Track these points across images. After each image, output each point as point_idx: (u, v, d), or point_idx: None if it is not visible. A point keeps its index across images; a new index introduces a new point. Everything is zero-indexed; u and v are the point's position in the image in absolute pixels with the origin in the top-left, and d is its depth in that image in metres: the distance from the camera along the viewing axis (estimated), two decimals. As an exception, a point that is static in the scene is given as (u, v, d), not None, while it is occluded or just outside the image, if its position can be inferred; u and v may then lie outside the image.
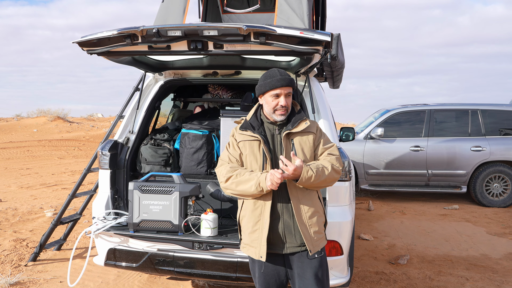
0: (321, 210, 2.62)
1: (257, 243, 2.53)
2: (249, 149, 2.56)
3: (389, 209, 7.93)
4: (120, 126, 4.09)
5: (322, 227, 2.61)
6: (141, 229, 3.45)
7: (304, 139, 2.58)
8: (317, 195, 2.62)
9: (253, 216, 2.55)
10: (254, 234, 2.55)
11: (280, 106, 2.51)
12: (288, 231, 2.54)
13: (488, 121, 8.38)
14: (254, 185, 2.43)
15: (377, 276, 4.60)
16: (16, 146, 18.24)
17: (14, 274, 4.45)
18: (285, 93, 2.51)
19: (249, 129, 2.58)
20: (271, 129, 2.61)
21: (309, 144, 2.58)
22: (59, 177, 11.03)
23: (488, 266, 4.96)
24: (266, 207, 2.50)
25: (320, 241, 2.58)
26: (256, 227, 2.54)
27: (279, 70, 2.57)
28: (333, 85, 6.63)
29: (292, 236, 2.54)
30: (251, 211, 2.55)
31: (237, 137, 2.63)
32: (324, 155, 2.59)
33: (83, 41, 3.16)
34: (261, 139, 2.52)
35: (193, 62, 3.93)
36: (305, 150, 2.56)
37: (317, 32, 2.83)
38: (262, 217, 2.52)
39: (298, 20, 4.05)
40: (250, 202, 2.56)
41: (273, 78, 2.52)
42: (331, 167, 2.50)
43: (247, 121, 2.64)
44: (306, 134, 2.59)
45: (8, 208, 7.30)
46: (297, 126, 2.56)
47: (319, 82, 4.18)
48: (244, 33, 2.84)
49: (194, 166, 3.98)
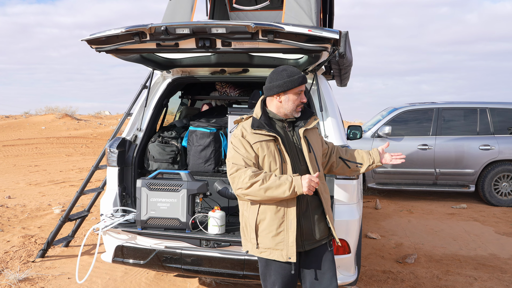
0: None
1: (283, 245, 2.45)
2: (267, 150, 2.47)
3: (397, 208, 7.90)
4: (128, 123, 4.11)
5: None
6: (148, 226, 3.46)
7: (315, 134, 2.67)
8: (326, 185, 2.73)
9: (276, 218, 2.46)
10: (278, 237, 2.46)
11: (301, 103, 2.55)
12: (307, 228, 2.52)
13: (496, 120, 8.32)
14: (287, 189, 2.33)
15: (384, 275, 4.58)
16: (25, 143, 18.37)
17: (23, 270, 4.49)
18: (303, 90, 2.57)
19: (263, 127, 2.48)
20: (281, 127, 2.59)
21: (320, 139, 2.72)
22: (67, 174, 11.10)
23: (496, 266, 4.93)
24: (291, 208, 2.44)
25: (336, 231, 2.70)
26: (280, 229, 2.46)
27: (295, 68, 2.57)
28: (340, 83, 6.61)
29: (311, 232, 2.53)
30: (274, 213, 2.46)
31: (250, 139, 2.49)
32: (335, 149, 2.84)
33: (92, 39, 3.18)
34: (278, 137, 2.48)
35: (200, 60, 3.93)
36: (317, 146, 2.63)
37: (325, 30, 2.82)
38: (286, 218, 2.45)
39: (306, 17, 4.04)
40: (271, 204, 2.47)
41: (295, 75, 2.51)
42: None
43: (258, 120, 2.53)
44: (314, 129, 2.68)
45: (17, 205, 7.36)
46: (309, 122, 2.60)
47: (326, 80, 4.17)
48: (252, 30, 2.84)
49: (202, 163, 3.99)
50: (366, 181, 8.48)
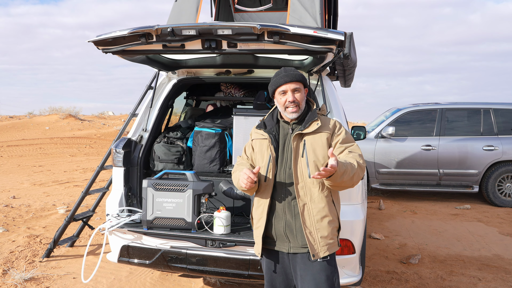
0: (333, 215, 2.49)
1: (257, 240, 2.59)
2: (258, 147, 2.60)
3: (400, 209, 7.91)
4: (134, 124, 4.13)
5: (333, 233, 2.49)
6: (154, 226, 3.48)
7: (316, 139, 2.49)
8: (331, 198, 2.50)
9: (257, 214, 2.59)
10: (256, 231, 2.60)
11: (289, 102, 2.47)
12: (289, 230, 2.50)
13: (500, 120, 8.32)
14: (237, 183, 2.55)
15: (388, 276, 4.59)
16: (29, 143, 18.43)
17: (29, 270, 4.52)
18: (292, 88, 2.48)
19: (262, 128, 2.62)
20: (286, 128, 2.58)
21: (321, 144, 2.48)
22: (71, 175, 11.14)
23: (500, 267, 4.93)
24: (266, 206, 2.52)
25: (329, 247, 2.46)
26: (258, 225, 2.58)
27: (286, 68, 2.56)
28: (344, 84, 6.63)
29: (294, 236, 2.49)
30: (256, 208, 2.61)
31: (253, 135, 2.69)
32: (344, 153, 2.48)
33: (98, 40, 3.20)
34: (268, 138, 2.54)
35: (206, 60, 3.95)
36: (317, 150, 2.47)
37: (330, 31, 2.83)
38: (262, 215, 2.53)
39: (311, 19, 4.06)
40: (256, 200, 2.61)
41: (277, 76, 2.53)
42: (357, 164, 2.39)
43: (262, 120, 2.68)
44: (318, 133, 2.50)
45: (22, 205, 7.40)
46: (308, 126, 2.49)
47: (331, 81, 4.19)
48: (258, 32, 2.85)
49: (207, 164, 4.01)
50: (370, 182, 8.48)
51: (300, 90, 2.52)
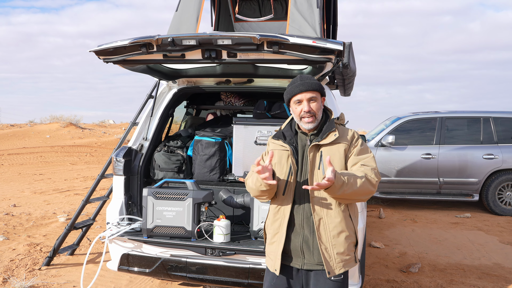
0: (351, 230, 2.42)
1: (274, 255, 2.48)
2: (277, 158, 2.48)
3: (400, 217, 7.90)
4: (134, 133, 4.16)
5: (350, 248, 2.43)
6: (154, 235, 3.49)
7: (333, 150, 2.42)
8: (348, 212, 2.43)
9: (273, 228, 2.50)
10: (272, 246, 2.51)
11: (304, 112, 2.39)
12: (306, 246, 2.42)
13: (500, 129, 8.33)
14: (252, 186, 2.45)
15: (388, 284, 4.58)
16: (30, 152, 18.45)
17: (29, 278, 4.52)
18: (307, 98, 2.40)
19: (280, 138, 2.51)
20: (303, 140, 2.49)
21: (339, 155, 2.42)
22: (72, 183, 11.15)
23: (501, 276, 4.92)
24: (285, 220, 2.43)
25: (345, 263, 2.41)
26: (274, 239, 2.49)
27: (302, 76, 2.48)
28: (344, 93, 6.66)
29: (310, 252, 2.42)
30: (272, 222, 2.51)
31: (270, 146, 2.57)
32: (357, 166, 2.41)
33: (99, 50, 3.24)
34: (290, 149, 2.44)
35: (206, 70, 3.99)
36: (334, 162, 2.38)
37: (329, 41, 2.86)
38: (280, 229, 2.45)
39: (310, 29, 4.10)
40: (272, 212, 2.52)
41: (293, 84, 2.44)
42: (365, 177, 2.31)
43: (281, 130, 2.57)
44: (336, 144, 2.43)
45: (22, 213, 7.40)
46: (326, 137, 2.41)
47: (330, 90, 4.21)
48: (258, 42, 2.89)
49: (207, 172, 4.03)
50: (369, 190, 8.46)
51: (317, 99, 2.43)
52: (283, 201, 2.45)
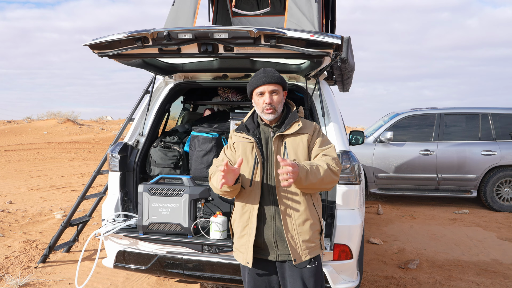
0: (315, 217, 2.49)
1: (245, 248, 2.50)
2: (241, 151, 2.52)
3: (399, 213, 7.88)
4: (130, 128, 4.11)
5: (315, 236, 2.49)
6: (150, 232, 3.45)
7: (297, 141, 2.48)
8: (312, 201, 2.49)
9: (242, 221, 2.52)
10: (242, 239, 2.52)
11: (265, 104, 2.43)
12: (280, 238, 2.46)
13: (498, 125, 8.32)
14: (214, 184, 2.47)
15: (386, 281, 4.56)
16: (27, 148, 18.39)
17: (24, 275, 4.48)
18: (269, 90, 2.45)
19: (243, 131, 2.55)
20: (266, 132, 2.54)
21: (302, 146, 2.48)
22: (69, 179, 11.10)
23: (499, 272, 4.90)
24: (254, 212, 2.46)
25: (311, 250, 2.46)
26: (244, 232, 2.51)
27: (266, 69, 2.52)
28: (342, 88, 6.62)
29: (284, 243, 2.46)
30: (240, 215, 2.53)
31: (233, 138, 2.61)
32: (319, 156, 2.47)
33: (94, 44, 3.18)
34: (254, 141, 2.47)
35: (203, 64, 3.94)
36: (298, 152, 2.47)
37: (327, 35, 2.82)
38: (250, 222, 2.47)
39: (308, 23, 4.05)
40: (239, 206, 2.54)
41: (256, 76, 2.48)
42: (327, 166, 2.36)
43: (243, 123, 2.61)
44: (299, 135, 2.50)
45: (18, 210, 7.35)
46: (289, 128, 2.47)
47: (329, 85, 4.17)
48: (255, 36, 2.84)
49: (204, 168, 3.99)
50: (368, 187, 8.46)
51: (278, 92, 2.48)
52: (250, 193, 2.47)
